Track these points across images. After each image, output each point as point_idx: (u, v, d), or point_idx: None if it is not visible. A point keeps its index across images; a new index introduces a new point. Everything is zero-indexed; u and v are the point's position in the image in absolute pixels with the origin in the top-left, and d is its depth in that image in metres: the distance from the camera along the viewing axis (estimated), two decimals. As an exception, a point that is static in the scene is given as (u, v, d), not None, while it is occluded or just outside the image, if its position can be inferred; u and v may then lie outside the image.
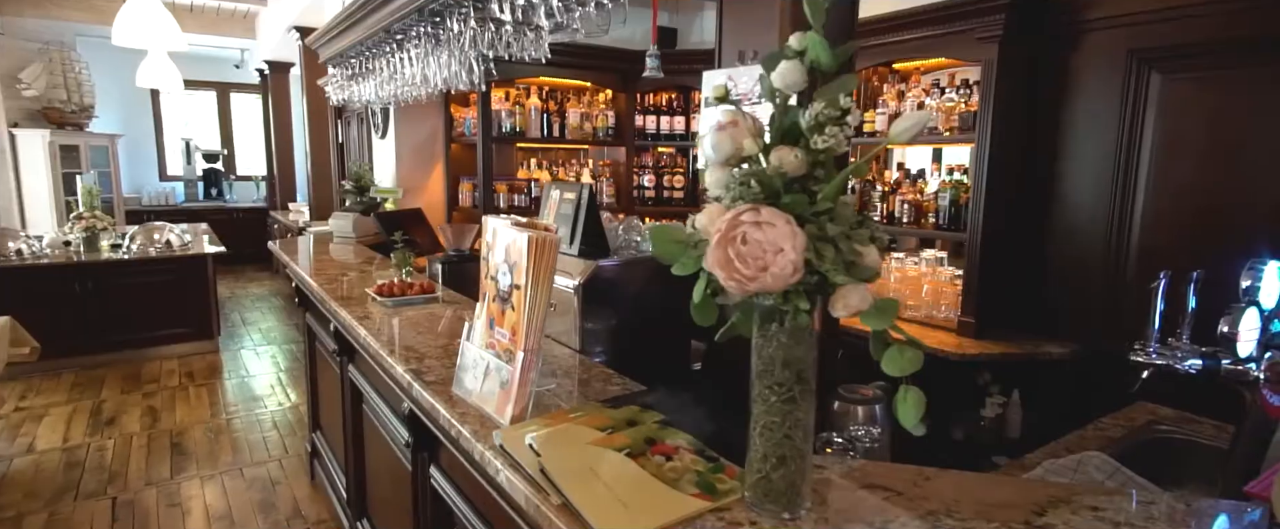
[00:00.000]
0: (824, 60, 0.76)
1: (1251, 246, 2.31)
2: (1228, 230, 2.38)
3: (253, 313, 7.03)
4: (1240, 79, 2.32)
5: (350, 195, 3.79)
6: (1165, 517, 0.89)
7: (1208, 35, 2.37)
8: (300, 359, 5.50)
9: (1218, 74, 2.38)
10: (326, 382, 2.99)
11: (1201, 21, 2.39)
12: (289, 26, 6.16)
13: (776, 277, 0.72)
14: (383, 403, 2.12)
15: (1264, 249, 2.27)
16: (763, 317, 0.86)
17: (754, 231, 0.73)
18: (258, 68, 8.93)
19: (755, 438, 0.88)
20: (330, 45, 3.26)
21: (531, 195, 4.09)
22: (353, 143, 5.08)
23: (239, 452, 3.82)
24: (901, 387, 0.76)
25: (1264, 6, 2.24)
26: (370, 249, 3.47)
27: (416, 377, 1.40)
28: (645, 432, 1.03)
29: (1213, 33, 2.36)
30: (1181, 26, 2.44)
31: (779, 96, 0.81)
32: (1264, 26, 2.24)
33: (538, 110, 4.06)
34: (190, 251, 5.44)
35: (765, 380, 0.86)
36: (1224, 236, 2.39)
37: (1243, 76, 2.31)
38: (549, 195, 1.80)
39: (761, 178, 0.79)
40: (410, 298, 2.06)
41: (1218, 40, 2.35)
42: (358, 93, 3.08)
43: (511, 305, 1.16)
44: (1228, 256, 2.32)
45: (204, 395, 4.71)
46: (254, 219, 9.51)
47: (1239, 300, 1.15)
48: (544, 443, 0.99)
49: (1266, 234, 2.28)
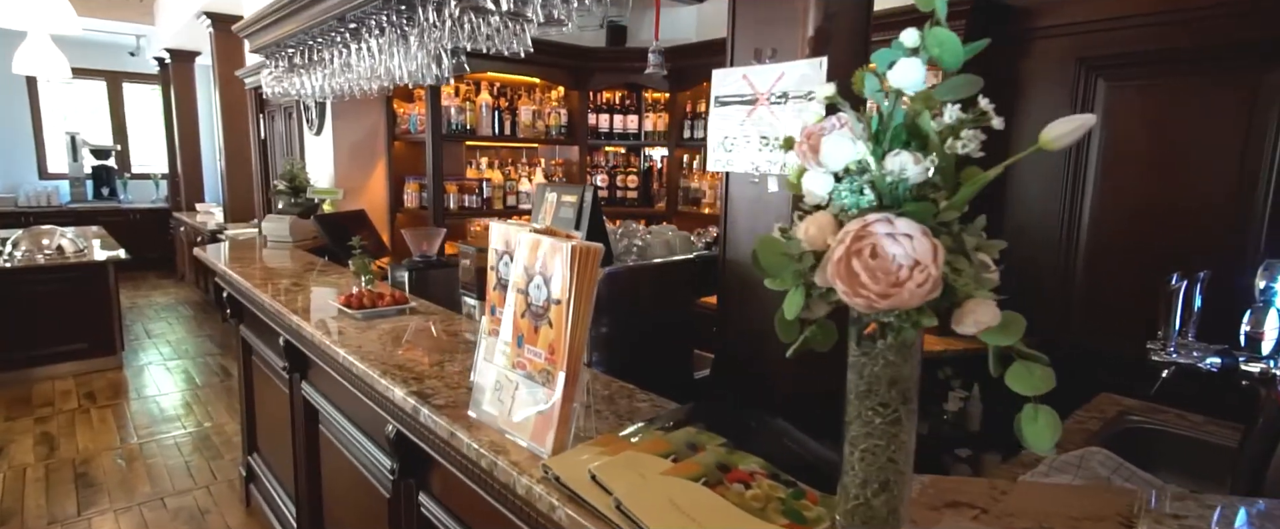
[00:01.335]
0: (947, 59, 0.71)
1: (1191, 247, 2.49)
2: (1170, 231, 2.54)
3: (158, 324, 6.45)
4: (1180, 87, 2.47)
5: (283, 196, 3.50)
6: (1258, 522, 0.89)
7: (1149, 45, 2.51)
8: (219, 374, 5.08)
9: (1159, 82, 2.53)
10: (269, 400, 2.74)
11: (1143, 32, 2.53)
12: (198, 12, 5.68)
13: (914, 293, 0.67)
14: (351, 424, 1.94)
15: (1202, 251, 2.44)
16: (864, 333, 0.80)
17: (888, 244, 0.67)
18: (157, 56, 8.21)
19: (854, 462, 0.82)
20: (264, 34, 2.99)
21: (484, 196, 3.91)
22: (279, 139, 4.72)
23: (158, 480, 3.46)
24: (1028, 406, 0.72)
25: (1201, 20, 2.40)
26: (310, 254, 3.22)
27: (422, 400, 1.27)
28: (715, 457, 0.95)
29: (1154, 43, 2.50)
30: (1125, 36, 2.58)
31: (891, 97, 0.75)
32: (1201, 38, 2.40)
33: (489, 107, 3.88)
34: (86, 258, 4.91)
35: (868, 401, 0.80)
36: (1168, 237, 2.54)
37: (1182, 85, 2.47)
38: (544, 198, 1.69)
39: (880, 185, 0.73)
40: (381, 309, 1.89)
41: (1159, 50, 2.50)
42: (300, 86, 2.83)
43: (550, 321, 1.06)
44: (1171, 256, 2.48)
45: (109, 418, 4.26)
46: (154, 221, 8.75)
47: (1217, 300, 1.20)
48: (610, 474, 0.90)
49: (1205, 236, 2.45)
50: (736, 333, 1.62)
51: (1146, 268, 2.60)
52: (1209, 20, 2.37)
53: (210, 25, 5.78)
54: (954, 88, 0.73)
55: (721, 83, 1.54)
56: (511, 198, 4.07)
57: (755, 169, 1.48)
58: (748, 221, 1.54)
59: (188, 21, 6.21)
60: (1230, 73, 2.37)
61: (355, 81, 2.49)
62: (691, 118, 4.10)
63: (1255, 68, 2.33)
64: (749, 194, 1.53)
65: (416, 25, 2.01)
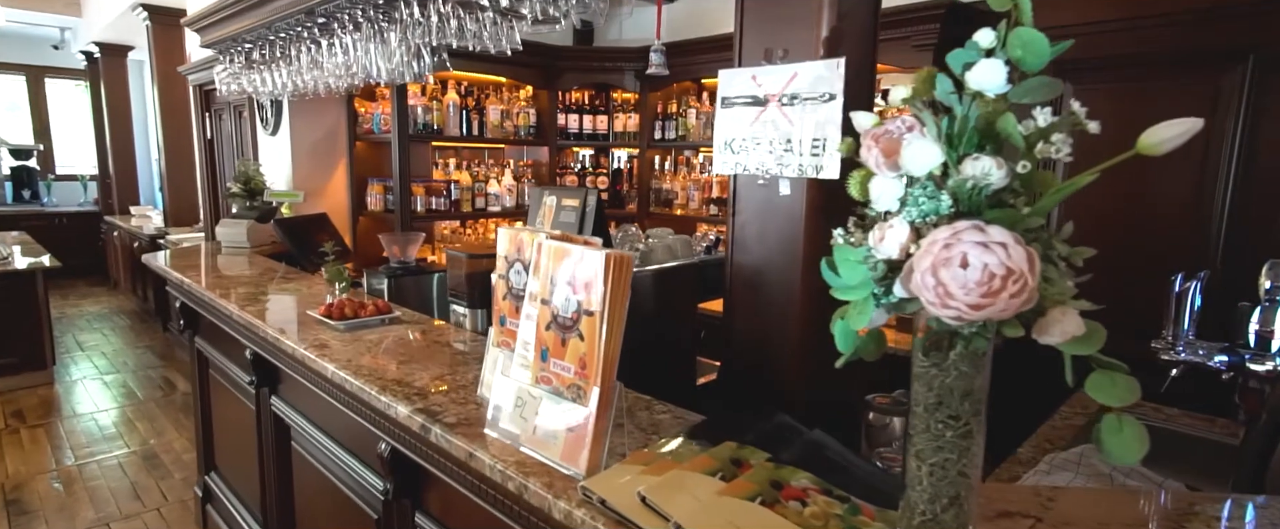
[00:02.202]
0: (1030, 60, 0.69)
1: (1154, 248, 2.59)
2: (1138, 233, 2.63)
3: (91, 335, 6.05)
4: (1149, 92, 2.56)
5: (238, 199, 3.31)
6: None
7: (1119, 50, 2.60)
8: (163, 387, 4.80)
9: (1128, 86, 2.62)
10: (231, 416, 2.58)
11: (1113, 37, 2.62)
12: (133, 4, 5.34)
13: (1008, 304, 0.64)
14: (332, 441, 1.84)
15: (1163, 251, 2.54)
16: (933, 344, 0.77)
17: (980, 254, 0.65)
18: (84, 50, 7.70)
19: (922, 476, 0.79)
20: (219, 28, 2.81)
21: (452, 198, 3.79)
22: (227, 139, 4.47)
23: (102, 503, 3.23)
24: (1111, 417, 0.70)
25: (1170, 25, 2.49)
26: (270, 260, 3.05)
27: (432, 418, 1.20)
28: (766, 474, 0.91)
29: (1123, 48, 2.59)
30: (1095, 41, 2.66)
31: (966, 100, 0.72)
32: (1170, 44, 2.49)
33: (457, 106, 3.76)
34: (11, 266, 4.56)
35: (939, 414, 0.78)
36: (1137, 239, 2.63)
37: (1151, 89, 2.56)
38: (542, 202, 1.62)
39: (959, 191, 0.70)
40: (365, 319, 1.79)
41: (1128, 55, 2.58)
42: (259, 83, 2.67)
43: (580, 334, 1.00)
44: (1140, 259, 2.56)
45: (41, 438, 3.96)
46: (83, 225, 8.22)
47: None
48: (662, 496, 0.85)
49: (1166, 236, 2.55)
50: (744, 339, 1.59)
51: (1112, 269, 2.69)
52: (1173, 26, 2.47)
53: (147, 18, 5.46)
54: (1032, 90, 0.71)
55: (728, 83, 1.50)
56: (480, 200, 3.95)
57: (765, 171, 1.45)
58: (757, 225, 1.51)
59: (121, 13, 5.84)
60: (1192, 77, 2.48)
61: (323, 79, 2.36)
62: (663, 118, 4.07)
63: (1213, 72, 2.43)
64: (758, 197, 1.50)
65: (397, 21, 1.91)
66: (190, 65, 4.97)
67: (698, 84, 4.05)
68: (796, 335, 1.45)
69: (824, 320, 1.56)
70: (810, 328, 1.45)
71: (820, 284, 1.50)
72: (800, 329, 1.45)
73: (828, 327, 1.57)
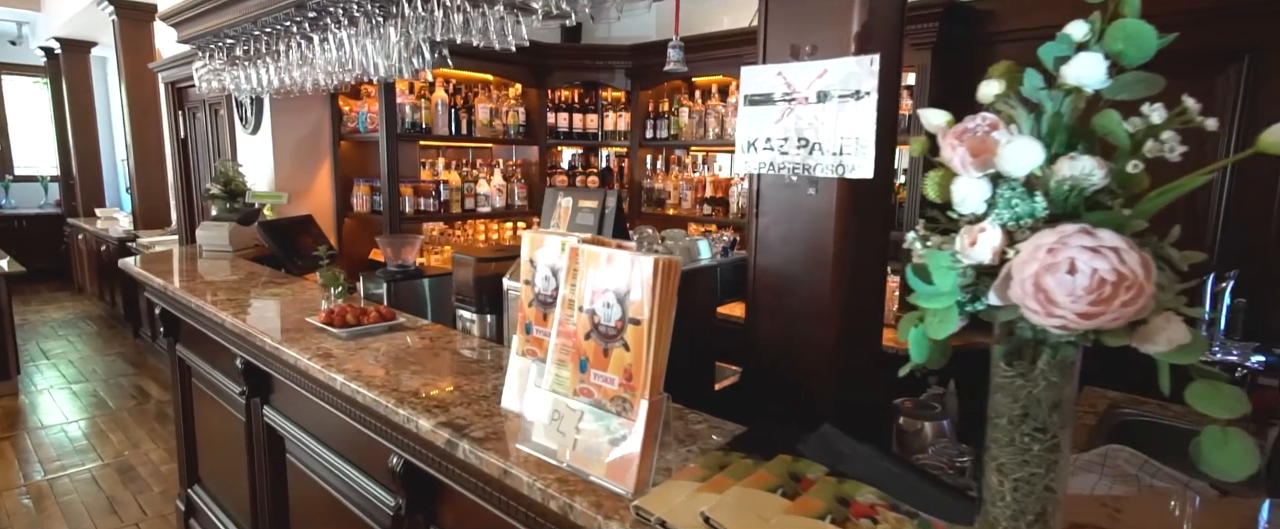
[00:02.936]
0: (1132, 53, 0.66)
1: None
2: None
3: (57, 342, 5.81)
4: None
5: (218, 201, 3.19)
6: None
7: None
8: (135, 396, 4.62)
9: (1123, 85, 2.63)
10: (217, 426, 2.48)
11: (1107, 37, 2.63)
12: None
13: (1120, 313, 0.60)
14: (334, 454, 1.76)
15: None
16: (1014, 352, 0.74)
17: (1089, 259, 0.61)
18: (43, 46, 7.40)
19: (1005, 492, 0.76)
20: (198, 22, 2.69)
21: (441, 199, 3.69)
22: (202, 138, 4.31)
23: (76, 520, 3.08)
24: (1215, 429, 0.67)
25: (1167, 25, 2.50)
26: (254, 264, 2.94)
27: (458, 433, 1.13)
28: (830, 489, 0.87)
29: (1120, 48, 2.60)
30: (1090, 41, 2.68)
31: (1059, 96, 0.69)
32: (1166, 44, 2.51)
33: (445, 105, 3.66)
34: (-29, 272, 4.35)
35: (1026, 427, 0.74)
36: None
37: (1147, 88, 2.58)
38: (558, 203, 1.56)
39: (1055, 193, 0.66)
40: (368, 326, 1.71)
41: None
42: (242, 81, 2.56)
43: (625, 344, 0.95)
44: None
45: (7, 452, 3.78)
46: (45, 228, 7.92)
47: None
48: (727, 517, 0.80)
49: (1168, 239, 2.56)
50: (768, 342, 1.54)
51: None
52: (1172, 27, 2.48)
53: (113, 13, 5.25)
54: (1128, 85, 0.68)
55: (752, 81, 1.46)
56: (470, 200, 3.86)
57: (791, 171, 1.41)
58: (782, 227, 1.47)
59: (84, 8, 5.62)
60: (1189, 77, 2.50)
61: (313, 76, 2.26)
62: (654, 117, 4.02)
63: (1210, 72, 2.46)
64: (784, 198, 1.46)
65: (396, 16, 1.83)
66: (161, 62, 4.79)
67: (689, 82, 4.00)
68: (828, 338, 1.41)
69: (854, 322, 1.53)
70: (841, 330, 1.41)
71: (851, 285, 1.47)
72: (830, 331, 1.41)
73: (857, 328, 1.53)
